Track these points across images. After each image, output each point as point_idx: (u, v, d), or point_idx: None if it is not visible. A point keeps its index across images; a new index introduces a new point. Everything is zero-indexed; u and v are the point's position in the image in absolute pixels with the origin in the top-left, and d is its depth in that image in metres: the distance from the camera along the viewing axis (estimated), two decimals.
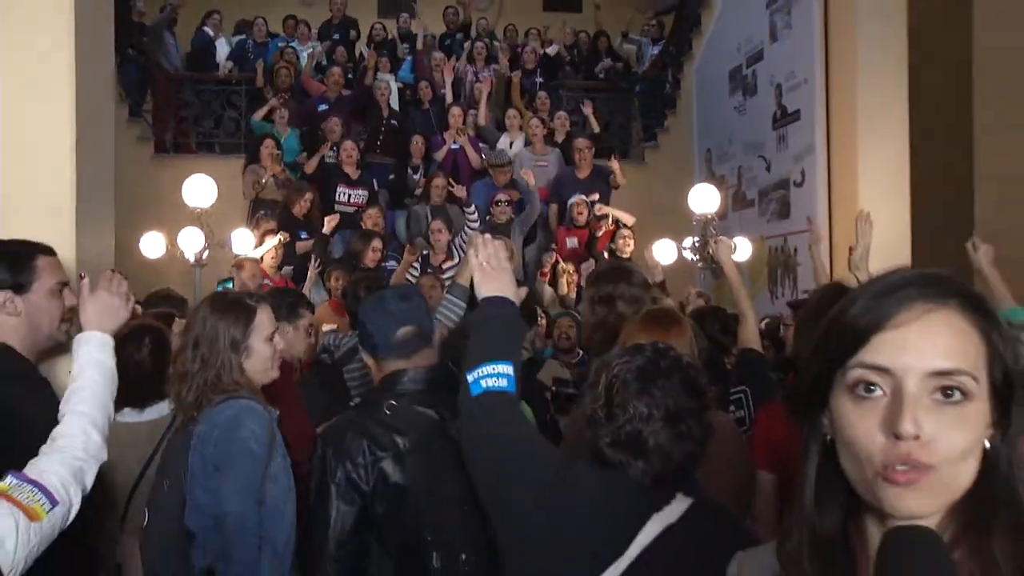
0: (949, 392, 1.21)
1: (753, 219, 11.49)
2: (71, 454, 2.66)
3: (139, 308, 5.33)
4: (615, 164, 10.92)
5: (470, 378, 2.49)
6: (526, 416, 4.22)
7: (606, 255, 9.73)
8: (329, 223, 10.01)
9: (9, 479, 2.47)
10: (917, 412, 1.19)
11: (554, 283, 9.66)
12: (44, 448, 2.67)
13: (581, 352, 6.79)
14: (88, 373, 2.88)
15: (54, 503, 2.50)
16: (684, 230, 9.82)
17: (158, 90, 13.51)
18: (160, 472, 3.41)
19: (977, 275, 4.60)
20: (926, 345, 1.22)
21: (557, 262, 9.86)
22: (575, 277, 9.74)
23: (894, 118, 8.57)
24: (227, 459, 3.16)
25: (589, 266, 9.60)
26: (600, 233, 10.43)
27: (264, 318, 3.49)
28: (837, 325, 1.30)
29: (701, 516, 2.26)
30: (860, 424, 1.24)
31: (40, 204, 3.83)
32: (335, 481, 3.10)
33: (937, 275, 1.29)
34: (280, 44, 13.87)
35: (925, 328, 1.23)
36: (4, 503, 2.39)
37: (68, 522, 2.60)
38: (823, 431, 1.33)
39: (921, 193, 8.39)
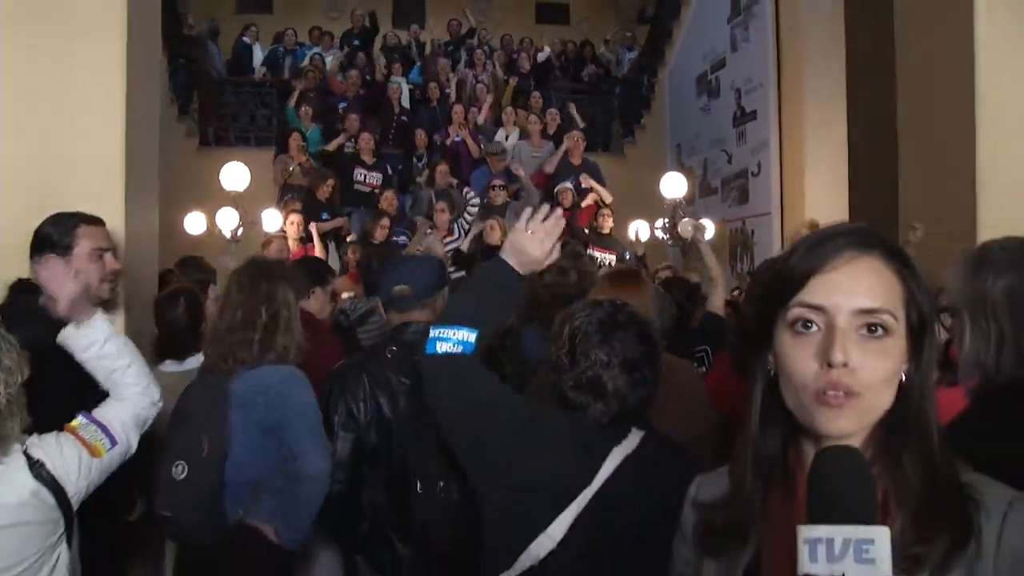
0: (873, 328, 1.24)
1: (716, 205, 11.50)
2: (135, 403, 2.67)
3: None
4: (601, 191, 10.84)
5: (431, 334, 2.36)
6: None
7: (586, 231, 9.72)
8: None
9: (80, 419, 2.52)
10: (846, 344, 1.22)
11: None
12: (112, 396, 2.68)
13: None
14: (123, 350, 2.76)
15: (114, 443, 2.54)
16: (657, 213, 9.84)
17: (203, 92, 13.51)
18: (193, 427, 3.15)
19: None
20: (854, 287, 1.25)
21: None
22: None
23: (834, 117, 8.75)
24: (294, 422, 3.07)
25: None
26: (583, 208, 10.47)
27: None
28: (780, 271, 1.33)
29: (653, 445, 2.26)
30: (798, 355, 1.26)
31: (95, 188, 3.92)
32: (337, 412, 3.11)
33: (863, 228, 1.32)
34: (307, 52, 13.86)
35: (853, 272, 1.26)
36: (72, 439, 2.44)
37: (126, 459, 2.63)
38: (768, 367, 1.35)
39: (857, 180, 8.49)
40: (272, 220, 9.15)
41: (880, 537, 1.07)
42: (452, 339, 2.33)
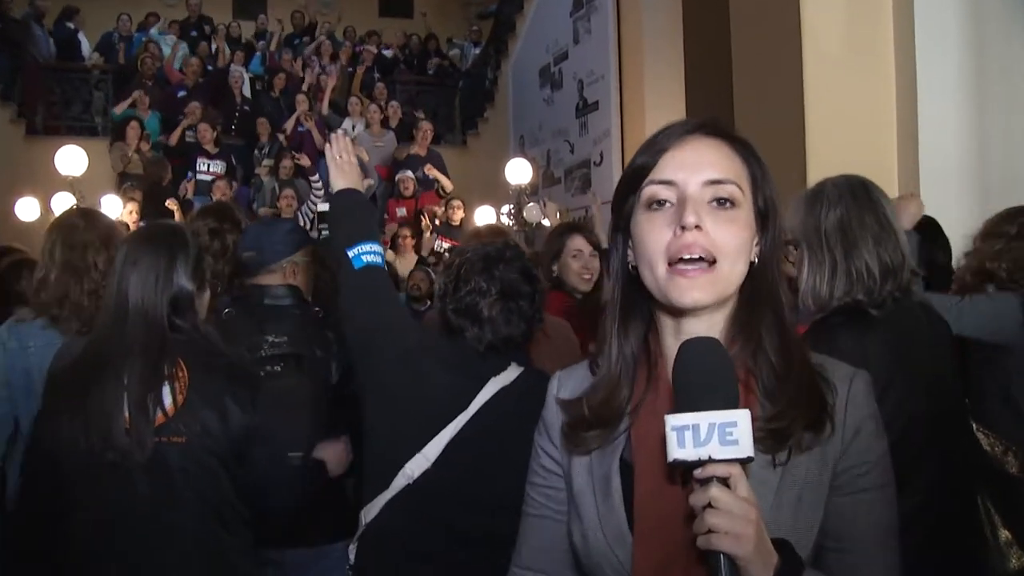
0: (722, 201, 1.29)
1: (560, 194, 11.65)
2: None
3: None
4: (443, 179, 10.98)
5: (351, 253, 2.52)
6: None
7: (438, 222, 9.74)
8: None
9: None
10: (698, 209, 1.27)
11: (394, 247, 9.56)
12: None
13: (429, 302, 6.98)
14: None
15: None
16: (499, 201, 9.94)
17: (28, 77, 12.83)
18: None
19: None
20: (701, 161, 1.31)
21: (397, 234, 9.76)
22: (410, 241, 9.65)
23: (674, 106, 9.01)
24: None
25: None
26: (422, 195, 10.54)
27: None
28: (631, 165, 1.38)
29: (529, 380, 2.34)
30: (653, 228, 1.30)
31: None
32: None
33: (705, 118, 1.38)
34: (143, 38, 13.36)
35: (698, 149, 1.32)
36: None
37: None
38: (628, 261, 1.38)
39: None
40: (112, 206, 8.77)
41: (742, 419, 1.11)
42: (371, 251, 2.54)
